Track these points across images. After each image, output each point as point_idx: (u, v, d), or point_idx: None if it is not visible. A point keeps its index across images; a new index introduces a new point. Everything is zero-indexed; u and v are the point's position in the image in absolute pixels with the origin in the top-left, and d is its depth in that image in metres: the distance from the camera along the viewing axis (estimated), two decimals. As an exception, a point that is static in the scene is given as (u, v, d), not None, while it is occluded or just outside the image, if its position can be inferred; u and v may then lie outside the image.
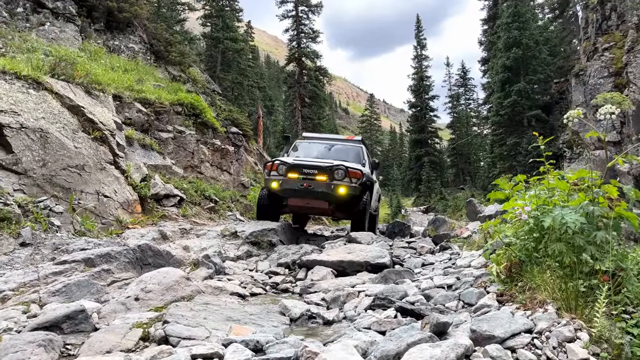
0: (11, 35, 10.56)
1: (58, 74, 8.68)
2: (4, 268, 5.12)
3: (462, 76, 58.43)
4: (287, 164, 8.28)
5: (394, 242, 7.85)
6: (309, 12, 37.89)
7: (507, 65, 32.74)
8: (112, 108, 9.75)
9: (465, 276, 4.21)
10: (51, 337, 3.02)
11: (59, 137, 7.27)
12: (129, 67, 13.41)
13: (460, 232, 7.74)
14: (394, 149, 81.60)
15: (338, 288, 4.56)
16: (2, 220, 5.80)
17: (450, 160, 53.23)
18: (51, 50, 10.32)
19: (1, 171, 6.46)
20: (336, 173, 8.05)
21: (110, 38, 15.30)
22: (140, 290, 4.07)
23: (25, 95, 7.38)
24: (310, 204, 8.28)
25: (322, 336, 3.22)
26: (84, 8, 14.38)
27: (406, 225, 10.07)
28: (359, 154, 9.91)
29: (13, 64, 7.81)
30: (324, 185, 7.96)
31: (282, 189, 8.14)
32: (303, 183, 7.99)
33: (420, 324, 2.81)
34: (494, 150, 37.05)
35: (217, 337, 3.03)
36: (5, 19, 11.68)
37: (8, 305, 4.00)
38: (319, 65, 37.82)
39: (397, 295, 3.87)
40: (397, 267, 5.62)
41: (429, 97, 49.26)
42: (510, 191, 3.76)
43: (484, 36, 44.14)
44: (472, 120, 57.79)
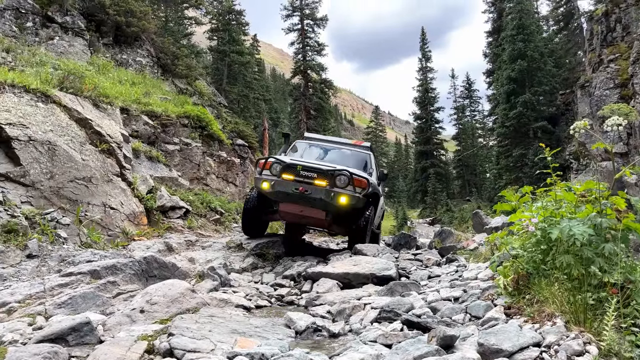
0: (21, 49, 10.72)
1: (66, 87, 8.79)
2: (11, 280, 5.14)
3: (467, 88, 58.51)
4: (282, 162, 7.19)
5: (400, 254, 7.79)
6: (315, 25, 38.22)
7: (512, 77, 32.77)
8: (120, 121, 9.83)
9: (472, 289, 4.17)
10: (56, 349, 3.02)
11: (67, 150, 7.34)
12: (136, 81, 13.56)
13: (466, 244, 7.69)
14: (399, 161, 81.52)
15: (344, 300, 4.53)
16: (10, 232, 5.84)
17: (456, 172, 53.08)
18: (60, 64, 10.46)
19: (9, 183, 6.51)
20: (338, 179, 7.01)
21: (118, 52, 15.50)
22: (146, 302, 4.07)
23: (34, 108, 7.47)
24: (304, 212, 7.13)
25: (328, 349, 3.20)
26: (93, 23, 14.62)
27: (412, 237, 10.00)
28: (367, 161, 8.85)
29: (22, 78, 7.92)
30: (322, 191, 6.88)
31: (274, 191, 7.03)
32: (299, 186, 6.89)
33: (426, 337, 2.78)
34: (499, 161, 36.92)
35: (222, 350, 3.01)
36: (15, 33, 11.87)
37: (14, 317, 4.01)
38: (324, 77, 38.04)
39: (404, 308, 3.83)
40: (403, 279, 5.58)
41: (434, 108, 49.30)
42: (516, 203, 3.74)
43: (488, 48, 44.28)
44: (477, 132, 57.73)
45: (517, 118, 32.45)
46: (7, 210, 6.12)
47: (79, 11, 14.23)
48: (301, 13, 37.93)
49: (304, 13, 37.91)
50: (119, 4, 15.03)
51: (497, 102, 38.91)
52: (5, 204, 6.20)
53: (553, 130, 31.42)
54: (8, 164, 6.63)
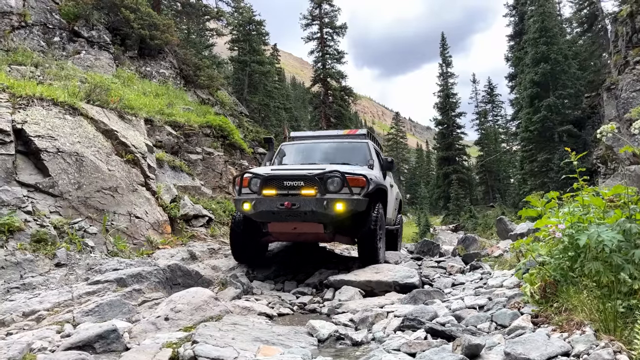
0: (48, 64, 11.06)
1: (93, 99, 9.03)
2: (40, 288, 5.27)
3: (489, 92, 57.87)
4: (260, 176, 6.17)
5: (423, 262, 7.71)
6: (334, 33, 38.41)
7: (536, 81, 32.25)
8: (144, 131, 10.04)
9: (498, 296, 4.10)
10: (84, 356, 3.08)
11: (94, 161, 7.52)
12: (160, 92, 13.83)
13: (491, 251, 7.57)
14: (421, 167, 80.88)
15: (366, 308, 4.50)
16: (39, 242, 6.00)
17: (479, 178, 52.37)
18: (87, 77, 10.76)
19: (38, 194, 6.70)
20: (330, 183, 5.93)
21: (142, 64, 15.85)
22: (170, 310, 4.12)
23: (62, 120, 7.69)
24: (298, 229, 6.12)
25: (351, 358, 3.18)
26: (118, 37, 15.01)
27: (435, 244, 9.88)
28: (365, 152, 7.60)
29: (50, 91, 8.17)
30: (312, 201, 5.80)
31: (257, 211, 6.00)
32: (283, 202, 5.86)
33: (451, 346, 2.74)
34: (524, 166, 36.27)
35: (246, 358, 3.03)
36: (43, 48, 12.27)
37: (43, 324, 4.11)
38: (344, 85, 38.13)
39: (427, 316, 3.79)
40: (427, 287, 5.52)
41: (455, 114, 48.84)
42: (542, 208, 3.67)
43: (510, 52, 43.75)
44: (500, 137, 56.95)
45: (541, 122, 31.89)
46: (37, 220, 6.29)
47: (105, 25, 14.63)
48: (320, 22, 38.19)
49: (323, 22, 38.17)
50: (142, 18, 15.39)
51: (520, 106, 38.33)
52: (34, 214, 6.38)
53: (579, 133, 30.76)
54: (37, 175, 6.83)
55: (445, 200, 47.38)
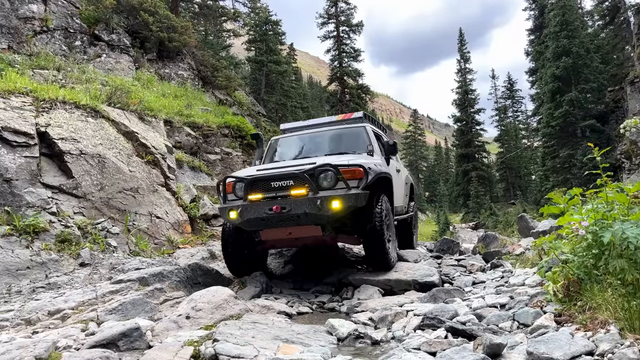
0: (70, 67, 11.30)
1: (114, 102, 9.19)
2: (64, 287, 5.40)
3: (508, 88, 57.00)
4: (243, 179, 5.52)
5: (443, 260, 7.64)
6: (350, 31, 38.31)
7: (557, 75, 31.64)
8: (164, 132, 10.18)
9: (520, 295, 4.05)
10: (108, 354, 3.14)
11: (115, 162, 7.66)
12: (178, 93, 14.00)
13: (512, 249, 7.46)
14: (439, 165, 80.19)
15: (385, 307, 4.49)
16: (63, 242, 6.14)
17: (500, 175, 51.63)
18: (108, 80, 10.96)
19: (62, 195, 6.86)
20: (322, 179, 5.29)
21: (161, 67, 16.07)
22: (191, 308, 4.17)
23: (84, 123, 7.84)
24: (294, 234, 5.52)
25: (371, 357, 3.18)
26: (137, 40, 15.25)
27: (455, 242, 9.78)
28: (363, 138, 6.85)
29: (72, 94, 8.34)
30: (304, 202, 5.12)
31: (245, 220, 5.34)
32: (272, 206, 5.18)
33: (472, 345, 2.71)
34: (545, 163, 35.63)
35: (266, 356, 3.05)
36: (65, 52, 12.53)
37: (68, 323, 4.20)
38: (360, 83, 38.00)
39: (447, 315, 3.76)
40: (447, 285, 5.47)
41: (474, 110, 48.26)
42: (565, 205, 3.61)
43: (530, 46, 43.03)
44: (521, 133, 56.06)
45: (563, 117, 31.28)
46: (61, 221, 6.44)
47: (124, 29, 14.88)
48: (336, 20, 38.13)
49: (339, 20, 38.10)
50: (161, 21, 15.60)
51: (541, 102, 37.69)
52: (59, 215, 6.53)
53: (602, 128, 30.08)
54: (61, 177, 6.98)
55: (465, 197, 46.90)
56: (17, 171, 6.43)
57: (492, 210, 37.51)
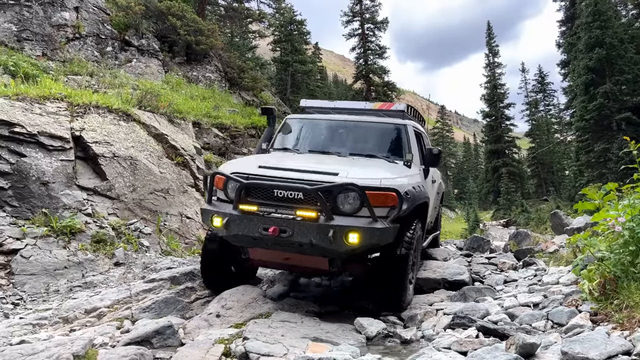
0: (102, 73, 11.62)
1: (144, 105, 9.41)
2: (100, 286, 5.57)
3: (539, 81, 55.52)
4: (239, 180, 4.19)
5: (473, 258, 7.52)
6: (375, 29, 38.08)
7: (590, 67, 30.62)
8: (192, 134, 10.36)
9: (554, 294, 3.95)
10: (142, 351, 3.23)
11: (147, 164, 7.84)
12: (206, 95, 14.23)
13: (545, 247, 7.28)
14: (468, 161, 78.79)
15: (415, 306, 4.45)
16: (99, 242, 6.33)
17: (531, 170, 50.34)
18: (138, 84, 11.23)
19: (97, 197, 7.07)
20: (341, 200, 4.03)
21: (189, 69, 16.35)
22: (221, 307, 4.24)
23: (117, 126, 8.06)
24: (291, 260, 4.42)
25: (400, 356, 3.16)
26: (166, 44, 15.58)
27: (485, 240, 9.60)
28: (402, 140, 5.43)
29: (105, 99, 8.58)
30: (313, 229, 3.88)
31: (232, 234, 4.18)
32: (268, 226, 3.95)
33: (504, 345, 2.66)
34: (579, 157, 34.54)
35: (295, 355, 3.07)
36: (97, 57, 12.90)
37: (104, 321, 4.32)
38: (386, 80, 37.75)
39: (478, 314, 3.70)
40: (477, 284, 5.38)
41: (504, 105, 47.19)
42: (600, 201, 3.50)
43: (562, 38, 41.76)
44: (553, 127, 54.52)
45: (597, 110, 30.25)
46: (96, 222, 6.65)
47: (153, 34, 15.22)
48: (361, 18, 37.97)
49: (364, 17, 37.92)
50: (188, 24, 15.87)
51: (574, 95, 36.53)
52: (94, 216, 6.74)
53: (639, 121, 28.96)
54: (96, 179, 7.20)
55: (495, 194, 45.95)
56: (53, 174, 6.66)
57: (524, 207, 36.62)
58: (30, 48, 11.34)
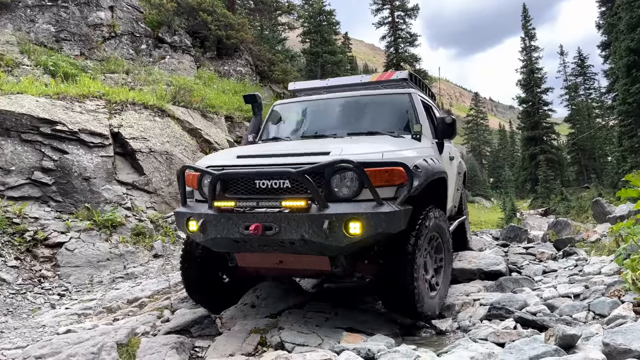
0: (137, 70, 11.93)
1: (178, 101, 9.62)
2: (141, 277, 5.77)
3: (579, 64, 53.37)
4: (209, 172, 3.50)
5: (510, 248, 7.36)
6: (406, 16, 37.50)
7: (632, 48, 29.19)
8: (225, 128, 10.52)
9: (595, 284, 3.83)
10: (182, 340, 3.33)
11: (181, 158, 8.02)
12: (237, 89, 14.40)
13: (586, 236, 7.04)
14: (504, 149, 76.82)
15: (451, 296, 4.40)
16: (138, 235, 6.55)
17: (571, 157, 48.65)
18: (172, 80, 11.47)
19: (135, 191, 7.30)
20: (335, 183, 3.32)
21: (220, 64, 16.57)
22: (256, 297, 4.32)
23: (152, 122, 8.27)
24: (285, 263, 3.63)
25: (435, 346, 3.14)
26: (198, 39, 15.84)
27: (522, 229, 9.37)
28: (407, 110, 4.67)
29: (141, 96, 8.82)
30: (303, 222, 3.21)
31: (209, 239, 3.48)
32: (249, 223, 3.27)
33: (543, 336, 2.61)
34: (622, 143, 33.12)
35: (330, 345, 3.09)
36: (132, 55, 13.24)
37: (145, 311, 4.48)
38: (418, 68, 37.15)
39: (516, 305, 3.63)
40: (515, 274, 5.27)
41: (541, 90, 45.66)
42: (644, 188, 3.36)
43: (602, 19, 39.94)
44: (594, 112, 52.38)
45: (641, 93, 28.90)
46: (135, 215, 6.87)
47: (185, 30, 15.48)
48: (391, 5, 37.43)
49: (394, 5, 37.37)
50: (219, 19, 16.05)
51: (615, 77, 34.97)
52: (133, 210, 6.96)
53: (687, 103, 27.50)
54: (134, 174, 7.43)
55: (533, 182, 44.71)
56: (94, 170, 6.91)
57: (564, 195, 35.49)
58: (69, 48, 11.74)
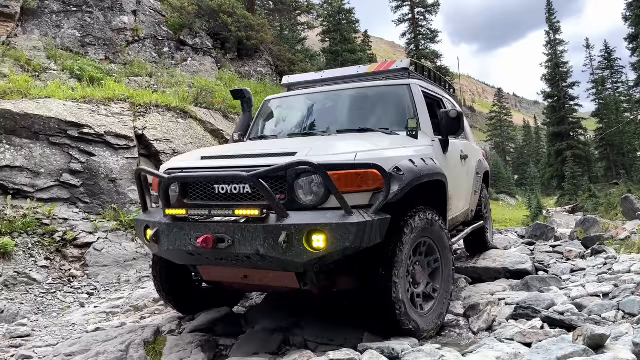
0: (160, 73, 12.13)
1: (200, 102, 9.75)
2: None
3: (606, 57, 51.91)
4: (162, 176, 3.22)
5: (536, 247, 7.21)
6: (426, 12, 37.14)
7: (663, 39, 28.30)
8: (246, 128, 10.62)
9: (625, 283, 3.73)
10: (207, 338, 3.38)
11: (204, 159, 8.14)
12: (258, 90, 14.49)
13: (615, 233, 6.86)
14: (529, 145, 75.27)
15: (475, 296, 4.35)
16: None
17: (599, 153, 47.37)
18: (194, 82, 11.63)
19: (160, 192, 7.43)
20: (301, 189, 2.94)
21: (241, 65, 16.72)
22: (279, 297, 4.34)
23: (175, 124, 8.40)
24: (250, 279, 3.23)
25: (460, 346, 3.10)
26: (218, 41, 16.02)
27: (549, 227, 9.16)
28: (404, 105, 4.20)
29: (164, 98, 8.96)
30: (257, 233, 2.84)
31: (164, 250, 3.20)
32: (200, 234, 2.94)
33: (571, 336, 2.55)
34: (653, 137, 32.16)
35: (353, 344, 3.09)
36: (155, 58, 13.47)
37: (170, 309, 4.55)
38: (439, 65, 36.75)
39: (543, 305, 3.56)
40: (541, 273, 5.17)
41: (567, 84, 44.59)
42: (677, 184, 3.24)
43: (629, 10, 38.74)
44: (622, 106, 50.85)
45: (672, 85, 27.96)
46: (160, 216, 6.99)
47: (206, 32, 15.68)
48: (411, 2, 37.13)
49: (414, 1, 37.05)
50: (239, 21, 16.20)
51: (645, 70, 33.96)
52: (158, 210, 7.09)
53: None
54: (158, 175, 7.56)
55: (560, 179, 43.72)
56: (120, 171, 7.06)
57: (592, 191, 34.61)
58: (94, 52, 12.02)
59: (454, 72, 39.58)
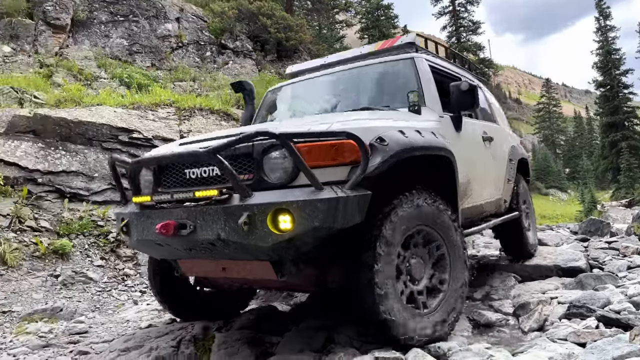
0: (203, 77, 12.47)
1: (242, 104, 9.95)
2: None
3: (663, 42, 48.90)
4: (128, 162, 3.20)
5: (590, 243, 6.89)
6: (467, 4, 36.37)
7: None
8: (287, 129, 10.76)
9: (688, 280, 3.51)
10: (254, 335, 3.45)
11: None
12: (298, 89, 14.66)
13: (678, 228, 6.46)
14: (581, 137, 71.95)
15: (526, 294, 4.22)
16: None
17: (658, 143, 44.76)
18: (235, 85, 11.89)
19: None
20: (269, 166, 2.58)
21: (280, 66, 16.92)
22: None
23: (218, 126, 8.61)
24: (228, 271, 2.89)
25: (511, 346, 3.02)
26: (258, 43, 16.29)
27: (604, 222, 8.73)
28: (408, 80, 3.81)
29: (207, 101, 9.21)
30: (217, 215, 2.54)
31: (135, 240, 3.04)
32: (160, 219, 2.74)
33: (628, 336, 2.43)
34: None
35: (398, 342, 3.07)
36: (198, 63, 13.85)
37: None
38: (482, 57, 35.82)
39: (598, 303, 3.41)
40: (596, 270, 4.95)
41: (620, 72, 42.35)
42: None
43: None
44: (683, 92, 47.77)
45: None
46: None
47: (246, 35, 15.97)
48: (452, -6, 36.38)
49: (454, -7, 36.30)
50: (278, 22, 16.40)
51: None
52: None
53: None
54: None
55: (615, 172, 41.57)
56: (167, 174, 7.31)
57: (650, 184, 32.72)
58: (141, 60, 12.49)
59: (498, 64, 38.41)
